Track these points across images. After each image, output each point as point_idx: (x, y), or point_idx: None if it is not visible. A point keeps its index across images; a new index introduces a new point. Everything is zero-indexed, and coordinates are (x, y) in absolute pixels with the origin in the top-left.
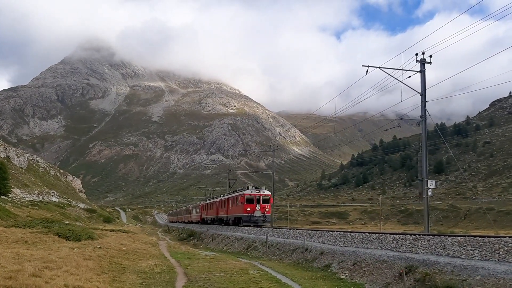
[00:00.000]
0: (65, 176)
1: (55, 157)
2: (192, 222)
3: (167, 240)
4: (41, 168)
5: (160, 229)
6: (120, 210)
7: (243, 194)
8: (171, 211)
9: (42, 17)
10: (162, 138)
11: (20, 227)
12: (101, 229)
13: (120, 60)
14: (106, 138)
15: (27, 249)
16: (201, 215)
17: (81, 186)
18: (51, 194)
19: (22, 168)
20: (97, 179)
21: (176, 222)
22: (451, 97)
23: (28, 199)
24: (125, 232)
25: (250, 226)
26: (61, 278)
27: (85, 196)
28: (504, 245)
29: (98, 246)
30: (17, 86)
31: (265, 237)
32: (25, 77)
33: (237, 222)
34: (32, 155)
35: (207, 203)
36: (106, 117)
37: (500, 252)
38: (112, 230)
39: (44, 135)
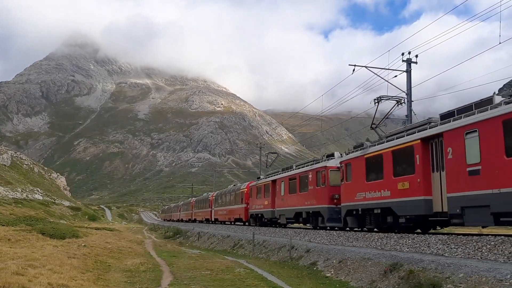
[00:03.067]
0: (50, 174)
1: (39, 154)
2: (215, 222)
3: (152, 239)
4: (24, 165)
5: (146, 227)
6: (105, 208)
7: None
8: (165, 207)
9: (25, 12)
10: (148, 136)
11: (3, 225)
12: (86, 227)
13: (105, 56)
14: (92, 135)
15: (10, 247)
16: (246, 208)
17: (65, 183)
18: (35, 191)
19: (5, 165)
20: (82, 176)
21: (176, 221)
22: (435, 97)
23: (11, 196)
24: (110, 230)
25: None
26: (45, 276)
27: (70, 194)
28: (486, 243)
29: (83, 244)
30: (1, 82)
31: (252, 235)
32: (8, 73)
33: None
34: (15, 152)
35: (273, 180)
36: (91, 114)
37: (483, 250)
38: (97, 228)
39: (28, 132)
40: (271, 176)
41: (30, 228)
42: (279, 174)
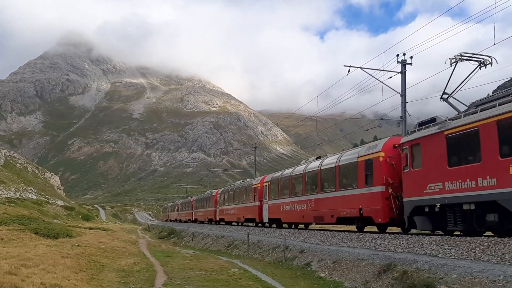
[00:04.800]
0: (43, 173)
1: (33, 154)
2: (269, 224)
3: (147, 239)
4: (18, 164)
5: (140, 227)
6: (99, 208)
7: None
8: (169, 204)
9: (20, 11)
10: (143, 136)
11: None
12: (80, 227)
13: (100, 55)
14: (86, 134)
15: (3, 247)
16: (385, 195)
17: (59, 183)
18: (29, 191)
19: None
20: (76, 176)
21: (187, 221)
22: (429, 98)
23: (4, 196)
24: (104, 230)
25: None
26: (38, 276)
27: (64, 194)
28: (480, 244)
29: (76, 244)
30: None
31: (246, 235)
32: (2, 71)
33: None
34: (9, 151)
35: None
36: (86, 114)
37: (476, 251)
38: (91, 228)
39: (22, 131)
40: None
41: (23, 228)
42: None
